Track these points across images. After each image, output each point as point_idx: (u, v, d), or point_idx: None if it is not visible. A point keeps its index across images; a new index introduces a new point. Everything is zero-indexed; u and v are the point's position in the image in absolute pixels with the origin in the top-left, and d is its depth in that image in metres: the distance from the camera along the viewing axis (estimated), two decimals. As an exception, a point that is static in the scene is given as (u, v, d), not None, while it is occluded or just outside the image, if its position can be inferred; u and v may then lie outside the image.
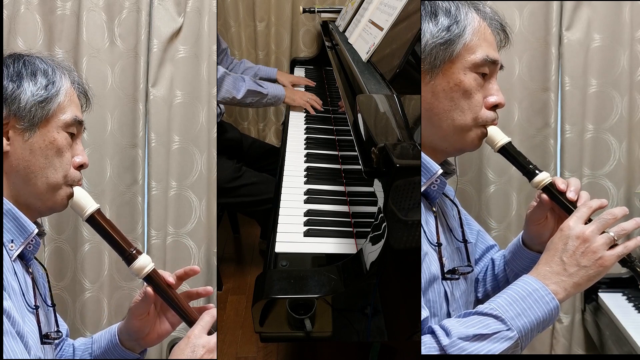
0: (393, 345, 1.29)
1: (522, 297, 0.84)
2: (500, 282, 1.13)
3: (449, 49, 0.88)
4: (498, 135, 0.93)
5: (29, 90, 0.91)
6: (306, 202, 1.43)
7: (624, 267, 0.88)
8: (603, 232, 0.86)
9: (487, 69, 0.90)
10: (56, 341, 0.99)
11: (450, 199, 1.03)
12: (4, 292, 0.84)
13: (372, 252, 0.97)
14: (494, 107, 0.92)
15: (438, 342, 0.82)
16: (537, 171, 0.94)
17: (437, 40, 0.88)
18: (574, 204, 0.92)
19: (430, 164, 0.92)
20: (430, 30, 0.88)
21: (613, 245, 0.86)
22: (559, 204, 0.93)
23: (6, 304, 0.83)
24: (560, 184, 0.93)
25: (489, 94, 0.91)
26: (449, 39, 0.88)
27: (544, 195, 0.95)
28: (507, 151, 0.94)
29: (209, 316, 0.95)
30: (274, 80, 2.66)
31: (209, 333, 0.94)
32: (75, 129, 0.96)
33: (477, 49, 0.89)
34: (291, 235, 1.26)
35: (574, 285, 0.85)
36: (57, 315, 1.04)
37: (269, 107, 2.79)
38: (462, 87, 0.89)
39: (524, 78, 1.66)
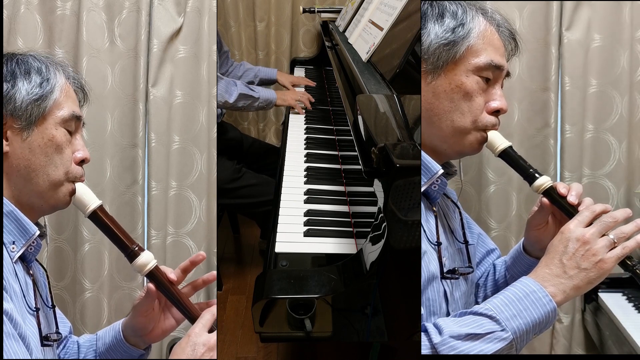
0: (393, 345, 1.29)
1: (519, 298, 0.83)
2: (500, 287, 1.11)
3: (452, 50, 0.88)
4: (498, 140, 0.93)
5: (24, 89, 0.90)
6: (306, 202, 1.43)
7: (626, 271, 0.88)
8: (604, 235, 0.85)
9: (491, 74, 0.90)
10: (56, 343, 0.99)
11: (453, 201, 1.03)
12: (5, 293, 0.84)
13: (372, 252, 0.97)
14: (496, 113, 0.92)
15: (430, 340, 0.82)
16: (537, 175, 0.93)
17: (441, 41, 0.88)
18: (575, 208, 0.91)
19: (431, 164, 0.92)
20: (436, 31, 0.89)
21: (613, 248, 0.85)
22: (560, 208, 0.93)
23: (8, 305, 0.83)
24: (561, 188, 0.92)
25: (492, 99, 0.91)
26: (452, 40, 0.88)
27: (545, 199, 0.94)
28: (508, 155, 0.94)
29: (210, 314, 0.95)
30: (274, 81, 2.66)
31: (210, 331, 0.94)
32: (73, 124, 0.95)
33: (481, 52, 0.89)
34: (291, 235, 1.26)
35: (573, 288, 0.84)
36: (60, 314, 1.04)
37: (261, 110, 2.78)
38: (463, 89, 0.89)
39: (523, 78, 1.66)
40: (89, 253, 1.66)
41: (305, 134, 2.04)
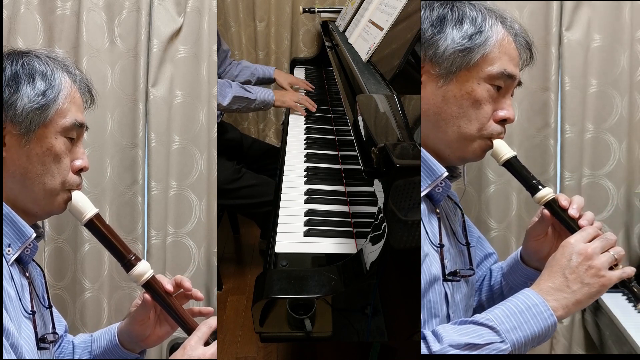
0: (393, 345, 1.29)
1: (521, 310, 0.83)
2: (495, 294, 1.13)
3: (467, 57, 0.88)
4: (503, 149, 0.93)
5: (26, 97, 0.87)
6: (306, 202, 1.43)
7: (622, 287, 0.88)
8: (605, 251, 0.86)
9: (503, 83, 0.90)
10: (53, 344, 0.99)
11: (455, 203, 1.03)
12: None
13: (372, 252, 0.97)
14: (503, 122, 0.92)
15: (428, 347, 0.82)
16: (540, 186, 0.94)
17: (457, 46, 0.88)
18: (575, 221, 0.91)
19: (436, 166, 0.92)
20: (453, 36, 0.88)
21: (613, 267, 0.86)
22: (561, 221, 0.93)
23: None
24: (563, 200, 0.93)
25: (500, 108, 0.91)
26: (469, 47, 0.88)
27: (546, 211, 0.95)
28: (512, 165, 0.94)
29: (206, 327, 0.94)
30: (272, 80, 2.63)
31: (207, 343, 0.93)
32: (75, 132, 0.92)
33: (496, 61, 0.89)
34: (291, 235, 1.26)
35: (575, 303, 0.84)
36: (56, 313, 1.04)
37: (258, 111, 2.76)
38: (473, 97, 0.89)
39: (524, 78, 1.64)
40: (89, 253, 1.66)
41: (305, 134, 2.04)
